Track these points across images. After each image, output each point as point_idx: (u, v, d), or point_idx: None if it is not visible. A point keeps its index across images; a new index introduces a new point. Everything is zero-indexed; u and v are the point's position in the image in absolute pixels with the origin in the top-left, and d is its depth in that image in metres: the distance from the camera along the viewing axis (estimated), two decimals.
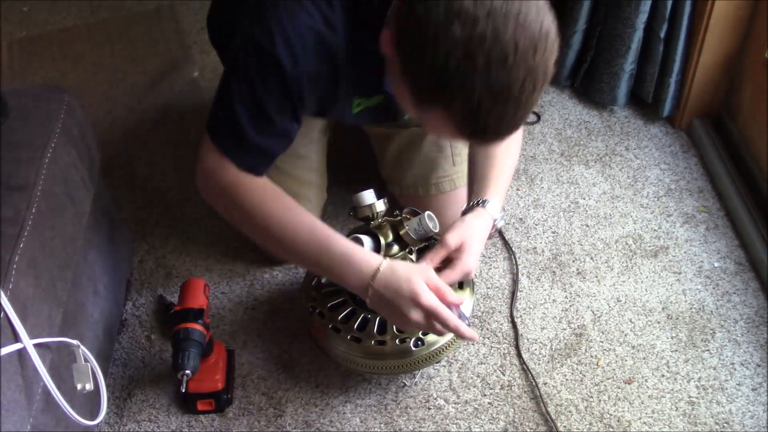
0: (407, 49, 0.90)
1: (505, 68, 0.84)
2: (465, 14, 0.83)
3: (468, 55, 0.84)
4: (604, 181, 1.62)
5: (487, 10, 0.83)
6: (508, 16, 0.83)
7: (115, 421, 1.27)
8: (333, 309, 1.22)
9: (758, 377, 1.29)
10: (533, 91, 0.87)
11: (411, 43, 0.88)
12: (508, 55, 0.84)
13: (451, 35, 0.83)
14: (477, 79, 0.84)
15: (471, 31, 0.83)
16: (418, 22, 0.86)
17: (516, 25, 0.84)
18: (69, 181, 1.14)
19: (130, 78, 1.91)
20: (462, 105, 0.87)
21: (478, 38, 0.83)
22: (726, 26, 1.54)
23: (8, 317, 0.91)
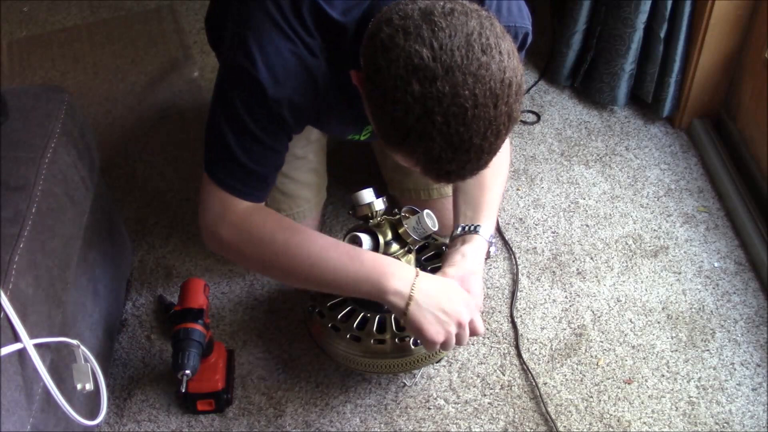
0: (371, 97, 0.91)
1: (465, 123, 0.85)
2: (424, 70, 0.83)
3: (426, 112, 0.84)
4: (604, 181, 1.62)
5: (447, 66, 0.83)
6: (467, 72, 0.83)
7: (115, 421, 1.27)
8: (333, 308, 1.22)
9: (758, 377, 1.29)
10: (497, 139, 0.88)
11: (374, 93, 0.89)
12: (467, 110, 0.84)
13: (410, 92, 0.84)
14: (436, 134, 0.85)
15: (429, 88, 0.83)
16: (380, 74, 0.87)
17: (476, 80, 0.83)
18: (69, 181, 1.14)
19: (130, 78, 1.91)
20: (423, 155, 0.88)
21: (436, 96, 0.83)
22: (726, 26, 1.54)
23: (8, 317, 0.91)
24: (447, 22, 0.85)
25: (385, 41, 0.87)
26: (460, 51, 0.83)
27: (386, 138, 0.92)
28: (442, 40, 0.84)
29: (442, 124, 0.84)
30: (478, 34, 0.84)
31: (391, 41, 0.86)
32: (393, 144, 0.91)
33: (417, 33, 0.84)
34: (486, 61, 0.84)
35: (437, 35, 0.84)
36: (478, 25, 0.85)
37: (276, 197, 1.36)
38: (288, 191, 1.36)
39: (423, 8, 0.87)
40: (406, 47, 0.84)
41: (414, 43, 0.84)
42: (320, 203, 1.46)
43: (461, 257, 1.16)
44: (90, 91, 1.87)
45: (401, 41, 0.85)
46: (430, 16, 0.85)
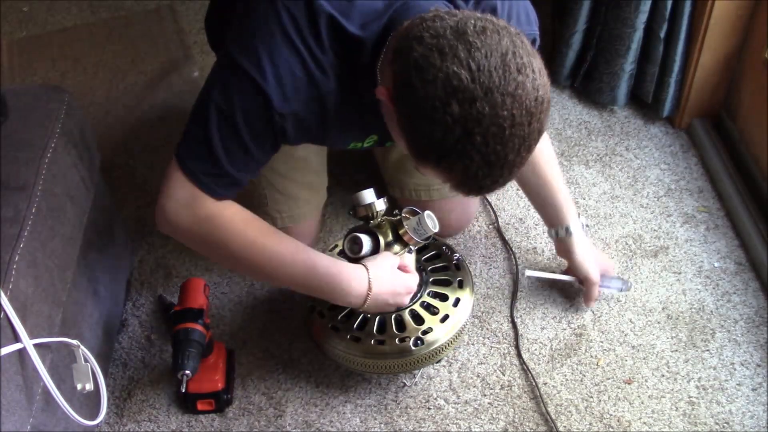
0: (406, 117, 0.90)
1: (502, 142, 0.86)
2: (463, 92, 0.84)
3: (466, 133, 0.85)
4: (604, 181, 1.62)
5: (485, 87, 0.84)
6: (505, 93, 0.84)
7: (115, 421, 1.27)
8: (333, 308, 1.22)
9: (758, 377, 1.29)
10: (528, 153, 0.90)
11: (409, 113, 0.89)
12: (505, 129, 0.85)
13: (449, 113, 0.84)
14: (474, 153, 0.86)
15: (469, 109, 0.84)
16: (416, 95, 0.86)
17: (513, 100, 0.85)
18: (69, 181, 1.14)
19: (130, 78, 1.91)
20: (460, 173, 0.90)
21: (475, 117, 0.84)
22: (726, 26, 1.54)
23: (8, 317, 0.91)
24: (481, 42, 0.85)
25: (419, 61, 0.86)
26: (497, 71, 0.84)
27: (421, 156, 0.92)
28: (479, 60, 0.84)
29: (481, 144, 0.85)
30: (512, 53, 0.85)
31: (426, 61, 0.86)
32: (428, 162, 0.92)
33: (453, 53, 0.85)
34: (522, 81, 0.85)
35: (474, 55, 0.84)
36: (511, 44, 0.86)
37: (276, 198, 1.36)
38: (288, 192, 1.36)
39: (454, 26, 0.87)
40: (443, 68, 0.84)
41: (451, 64, 0.84)
42: (320, 204, 1.46)
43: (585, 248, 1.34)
44: (90, 91, 1.87)
45: (437, 61, 0.85)
46: (463, 35, 0.86)
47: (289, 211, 1.38)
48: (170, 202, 1.08)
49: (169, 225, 1.10)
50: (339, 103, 1.04)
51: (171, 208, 1.08)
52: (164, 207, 1.08)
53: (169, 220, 1.09)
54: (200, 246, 1.13)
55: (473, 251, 1.50)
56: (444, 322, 1.19)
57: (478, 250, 1.50)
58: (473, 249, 1.50)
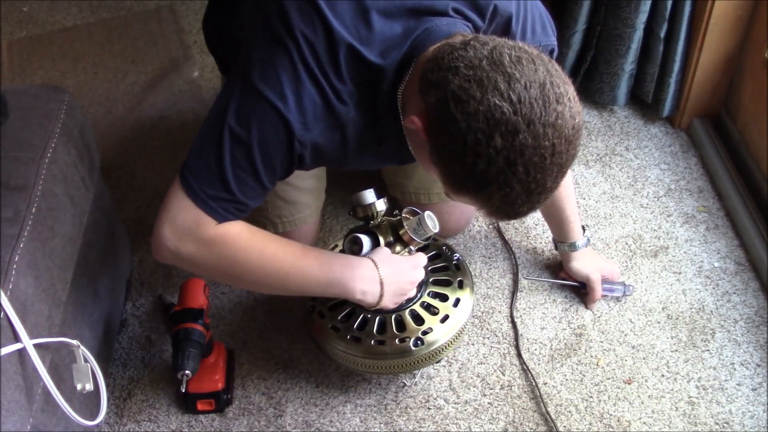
0: (444, 149, 0.90)
1: (543, 171, 0.87)
2: (506, 124, 0.84)
3: (509, 164, 0.86)
4: (604, 181, 1.62)
5: (527, 119, 0.84)
6: (546, 123, 0.85)
7: (115, 421, 1.27)
8: (333, 308, 1.22)
9: (758, 377, 1.29)
10: (563, 178, 0.91)
11: (448, 145, 0.88)
12: (546, 159, 0.86)
13: (493, 146, 0.85)
14: (515, 183, 0.87)
15: (512, 141, 0.85)
16: (457, 127, 0.86)
17: (554, 130, 0.86)
18: (69, 181, 1.14)
19: (130, 78, 1.91)
20: (498, 202, 0.90)
21: (518, 149, 0.85)
22: (726, 26, 1.54)
23: (8, 317, 0.91)
24: (519, 73, 0.85)
25: (457, 93, 0.86)
26: (538, 102, 0.85)
27: (459, 186, 0.92)
28: (519, 92, 0.84)
29: (523, 174, 0.86)
30: (549, 83, 0.86)
31: (465, 93, 0.86)
32: (466, 192, 0.92)
33: (493, 85, 0.85)
34: (561, 111, 0.86)
35: (513, 87, 0.85)
36: (547, 74, 0.87)
37: (277, 204, 1.36)
38: (289, 198, 1.36)
39: (489, 56, 0.87)
40: (484, 100, 0.85)
41: (492, 96, 0.84)
42: (320, 207, 1.46)
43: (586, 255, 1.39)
44: (90, 91, 1.87)
45: (477, 93, 0.85)
46: (500, 66, 0.86)
47: (290, 216, 1.38)
48: (171, 229, 1.03)
49: (171, 253, 1.04)
50: (358, 132, 1.03)
51: (172, 234, 1.03)
52: (163, 235, 1.03)
53: (171, 248, 1.04)
54: (208, 269, 1.08)
55: (473, 251, 1.50)
56: (444, 323, 1.19)
57: (478, 250, 1.50)
58: (473, 249, 1.50)
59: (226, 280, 1.24)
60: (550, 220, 1.40)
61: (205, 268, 1.08)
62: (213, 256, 1.05)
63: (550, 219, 1.40)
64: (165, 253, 1.05)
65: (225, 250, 1.05)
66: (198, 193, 1.01)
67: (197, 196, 1.01)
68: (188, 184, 1.01)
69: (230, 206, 1.03)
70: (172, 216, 1.02)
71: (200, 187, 1.01)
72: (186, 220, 1.02)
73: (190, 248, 1.04)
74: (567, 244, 1.39)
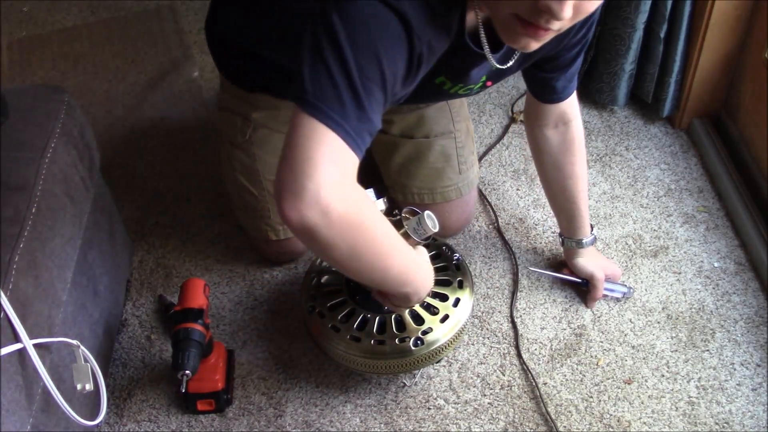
0: None
1: None
2: None
3: None
4: (604, 181, 1.62)
5: None
6: None
7: (115, 421, 1.27)
8: (333, 308, 1.22)
9: (758, 377, 1.29)
10: None
11: None
12: None
13: None
14: None
15: None
16: None
17: None
18: (69, 181, 1.14)
19: (130, 78, 1.91)
20: None
21: None
22: (726, 26, 1.54)
23: (8, 317, 0.91)
24: None
25: None
26: None
27: None
28: None
29: None
30: None
31: None
32: None
33: None
34: None
35: None
36: None
37: None
38: None
39: None
40: None
41: None
42: None
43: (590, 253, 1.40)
44: (90, 91, 1.87)
45: None
46: None
47: None
48: (319, 176, 0.78)
49: (320, 213, 0.79)
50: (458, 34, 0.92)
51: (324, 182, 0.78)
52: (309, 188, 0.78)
53: (322, 205, 0.79)
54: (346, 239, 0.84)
55: (473, 251, 1.50)
56: (444, 322, 1.19)
57: (478, 250, 1.50)
58: (473, 249, 1.50)
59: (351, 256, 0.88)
60: (561, 213, 1.40)
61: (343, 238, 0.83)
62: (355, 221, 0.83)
63: (561, 213, 1.40)
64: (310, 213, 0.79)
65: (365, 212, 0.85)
66: (331, 115, 0.80)
67: (332, 120, 0.80)
68: (319, 110, 0.79)
69: (365, 131, 0.83)
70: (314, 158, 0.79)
71: (330, 106, 0.80)
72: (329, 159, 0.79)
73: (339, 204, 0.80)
74: (574, 240, 1.39)
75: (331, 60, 0.81)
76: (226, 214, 1.56)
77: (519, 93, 1.80)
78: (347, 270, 0.95)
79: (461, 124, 1.44)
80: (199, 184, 1.64)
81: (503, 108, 1.79)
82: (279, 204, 0.81)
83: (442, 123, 1.42)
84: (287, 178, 0.80)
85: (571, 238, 1.39)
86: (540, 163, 1.36)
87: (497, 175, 1.64)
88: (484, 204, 1.58)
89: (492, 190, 1.61)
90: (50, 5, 2.13)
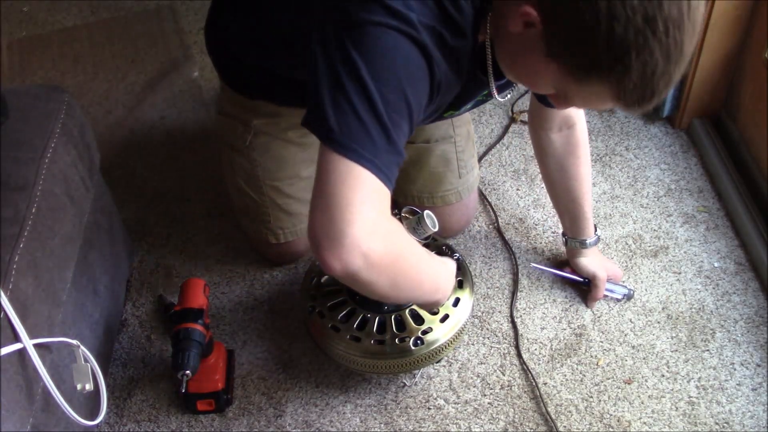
0: (570, 26, 0.81)
1: (681, 28, 0.80)
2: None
3: (648, 20, 0.78)
4: (604, 181, 1.62)
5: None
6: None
7: (115, 421, 1.27)
8: (333, 308, 1.22)
9: (758, 377, 1.29)
10: (693, 49, 0.83)
11: (575, 19, 0.80)
12: (683, 13, 0.79)
13: (629, 4, 0.78)
14: (655, 43, 0.79)
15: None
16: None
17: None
18: (69, 181, 1.14)
19: (130, 78, 1.91)
20: (636, 74, 0.82)
21: (656, 1, 0.78)
22: (726, 26, 1.54)
23: (8, 317, 0.91)
24: None
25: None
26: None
27: (591, 68, 0.84)
28: None
29: (663, 32, 0.79)
30: None
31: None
32: (599, 72, 0.83)
33: None
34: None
35: None
36: None
37: (279, 216, 1.36)
38: (291, 210, 1.36)
39: None
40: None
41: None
42: None
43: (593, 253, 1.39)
44: (90, 91, 1.87)
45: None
46: None
47: (291, 227, 1.38)
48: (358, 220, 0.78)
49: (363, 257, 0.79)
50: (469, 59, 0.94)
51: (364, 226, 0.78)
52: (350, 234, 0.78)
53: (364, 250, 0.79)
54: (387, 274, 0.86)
55: (473, 251, 1.50)
56: (444, 322, 1.19)
57: (478, 250, 1.50)
58: (473, 249, 1.50)
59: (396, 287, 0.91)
60: (565, 214, 1.40)
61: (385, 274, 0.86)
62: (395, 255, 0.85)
63: (565, 213, 1.40)
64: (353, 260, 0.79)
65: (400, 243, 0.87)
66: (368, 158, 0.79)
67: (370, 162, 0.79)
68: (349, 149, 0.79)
69: (394, 163, 0.83)
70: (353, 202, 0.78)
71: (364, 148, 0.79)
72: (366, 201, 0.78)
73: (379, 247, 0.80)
74: (578, 240, 1.39)
75: (355, 95, 0.80)
76: (226, 214, 1.56)
77: (519, 93, 1.80)
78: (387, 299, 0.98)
79: (462, 128, 1.44)
80: (199, 184, 1.64)
81: (503, 108, 1.79)
82: (319, 252, 0.81)
83: (442, 128, 1.42)
84: (325, 224, 0.79)
85: (574, 239, 1.39)
86: (544, 165, 1.36)
87: (497, 175, 1.64)
88: (484, 204, 1.58)
89: (492, 190, 1.61)
90: (50, 5, 2.13)
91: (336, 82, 0.81)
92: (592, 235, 1.38)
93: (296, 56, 1.04)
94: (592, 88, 0.86)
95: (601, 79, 0.84)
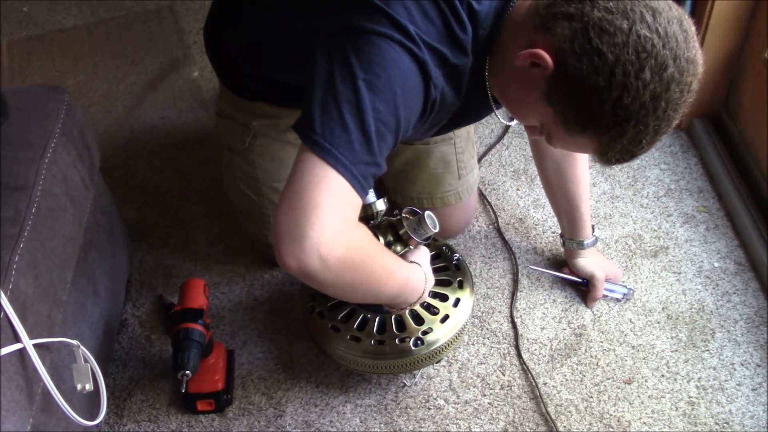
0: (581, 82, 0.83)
1: (677, 108, 0.86)
2: (655, 57, 0.81)
3: (654, 98, 0.83)
4: (604, 181, 1.62)
5: (674, 54, 0.82)
6: (688, 59, 0.84)
7: (115, 421, 1.27)
8: (333, 308, 1.22)
9: (758, 377, 1.29)
10: None
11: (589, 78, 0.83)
12: (683, 95, 0.85)
13: (642, 78, 0.81)
14: (652, 119, 0.85)
15: (660, 75, 0.82)
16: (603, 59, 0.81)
17: (693, 67, 0.84)
18: (69, 181, 1.14)
19: (130, 78, 1.91)
20: (628, 139, 0.87)
21: (666, 83, 0.83)
22: (726, 26, 1.54)
23: (8, 317, 0.91)
24: (660, 6, 0.83)
25: (600, 23, 0.81)
26: (680, 37, 0.83)
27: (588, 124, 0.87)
28: (665, 26, 0.82)
29: (662, 110, 0.84)
30: (685, 20, 0.84)
31: (610, 24, 0.81)
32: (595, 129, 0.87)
33: (640, 17, 0.81)
34: (696, 47, 0.85)
35: (658, 20, 0.82)
36: (677, 10, 0.84)
37: None
38: None
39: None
40: (633, 32, 0.81)
41: (641, 28, 0.81)
42: None
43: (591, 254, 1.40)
44: (90, 91, 1.87)
45: (624, 25, 0.81)
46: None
47: None
48: (322, 224, 0.79)
49: (320, 260, 0.80)
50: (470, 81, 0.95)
51: (327, 231, 0.80)
52: (311, 237, 0.79)
53: (322, 254, 0.80)
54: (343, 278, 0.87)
55: (473, 251, 1.50)
56: (444, 322, 1.19)
57: (478, 250, 1.50)
58: (473, 249, 1.50)
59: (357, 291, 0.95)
60: (563, 215, 1.40)
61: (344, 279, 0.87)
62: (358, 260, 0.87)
63: (563, 215, 1.40)
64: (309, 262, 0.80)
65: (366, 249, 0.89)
66: (346, 164, 0.80)
67: (346, 168, 0.80)
68: (328, 152, 0.80)
69: (371, 174, 0.85)
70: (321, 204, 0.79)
71: (343, 154, 0.80)
72: (337, 203, 0.80)
73: (340, 250, 0.81)
74: (576, 241, 1.39)
75: (345, 101, 0.81)
76: (226, 214, 1.56)
77: None
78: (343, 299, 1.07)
79: (462, 129, 1.44)
80: (199, 184, 1.64)
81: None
82: (277, 247, 0.81)
83: None
84: (290, 222, 0.80)
85: (572, 240, 1.39)
86: (542, 167, 1.36)
87: (497, 175, 1.64)
88: (484, 204, 1.58)
89: (492, 190, 1.61)
90: (50, 5, 2.13)
91: (330, 85, 0.82)
92: (589, 236, 1.38)
93: (296, 64, 1.04)
94: (580, 139, 0.90)
95: (593, 135, 0.88)
